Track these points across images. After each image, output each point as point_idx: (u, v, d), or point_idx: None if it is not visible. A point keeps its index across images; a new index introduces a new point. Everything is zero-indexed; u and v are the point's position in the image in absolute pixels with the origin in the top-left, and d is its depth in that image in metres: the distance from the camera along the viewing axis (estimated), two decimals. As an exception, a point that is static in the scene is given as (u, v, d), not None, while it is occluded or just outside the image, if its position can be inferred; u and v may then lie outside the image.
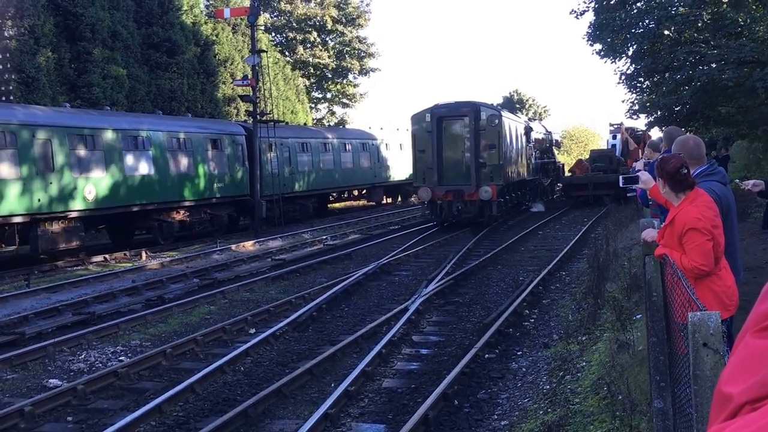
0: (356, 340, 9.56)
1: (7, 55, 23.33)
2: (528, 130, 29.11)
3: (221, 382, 8.25)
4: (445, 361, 8.64)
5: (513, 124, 25.70)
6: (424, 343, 9.60)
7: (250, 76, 25.48)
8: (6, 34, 23.81)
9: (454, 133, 23.30)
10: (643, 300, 5.37)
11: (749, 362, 0.90)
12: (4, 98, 22.76)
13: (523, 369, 8.23)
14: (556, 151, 42.14)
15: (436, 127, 22.89)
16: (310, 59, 52.52)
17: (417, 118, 23.61)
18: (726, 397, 0.91)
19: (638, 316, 7.83)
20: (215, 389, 8.02)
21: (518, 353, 8.90)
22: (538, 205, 30.74)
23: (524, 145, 28.05)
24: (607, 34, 21.62)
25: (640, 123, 35.66)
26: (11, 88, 23.13)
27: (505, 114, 24.20)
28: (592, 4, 23.00)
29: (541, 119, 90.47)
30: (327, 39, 53.52)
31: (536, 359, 8.53)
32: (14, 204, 16.94)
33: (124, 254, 19.65)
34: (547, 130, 37.87)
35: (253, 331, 10.67)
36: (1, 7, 23.95)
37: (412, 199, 35.92)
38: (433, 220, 23.68)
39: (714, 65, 18.19)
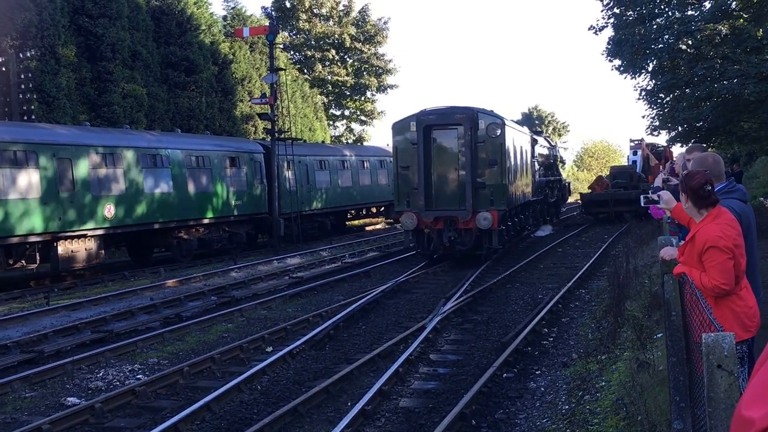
0: (373, 358, 9.50)
1: (29, 75, 23.70)
2: (533, 143, 25.27)
3: (238, 401, 8.22)
4: (462, 381, 8.56)
5: (517, 135, 21.24)
6: (442, 362, 9.52)
7: (268, 94, 25.65)
8: (28, 54, 24.19)
9: (445, 145, 18.77)
10: (663, 319, 5.28)
11: None
12: (25, 118, 23.10)
13: (542, 388, 8.12)
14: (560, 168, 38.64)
15: (423, 138, 18.33)
16: (329, 77, 52.84)
17: (399, 127, 19.12)
18: (746, 421, 0.89)
19: (659, 336, 7.71)
20: (232, 408, 7.99)
21: (537, 372, 8.80)
22: (544, 228, 28.16)
23: (529, 160, 23.92)
24: (627, 50, 21.56)
25: (661, 139, 35.45)
26: (33, 107, 23.47)
27: (509, 123, 19.53)
28: (611, 20, 22.97)
29: (560, 135, 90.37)
30: (345, 56, 53.86)
31: (555, 379, 8.42)
32: (35, 223, 17.12)
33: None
34: (551, 144, 34.21)
35: (270, 349, 10.65)
36: (23, 28, 24.37)
37: None
38: (419, 252, 19.41)
39: (735, 80, 18.06)
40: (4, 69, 23.87)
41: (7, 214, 16.46)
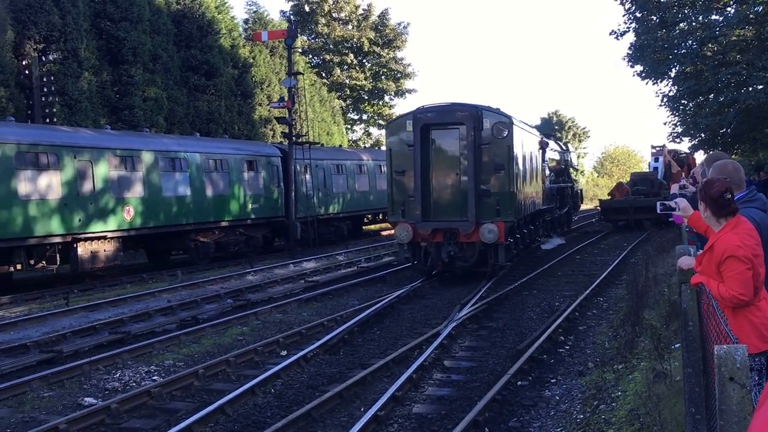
0: (387, 364, 9.48)
1: (51, 78, 23.99)
2: (543, 146, 23.01)
3: (252, 404, 8.24)
4: (476, 388, 8.52)
5: (526, 137, 19.01)
6: (456, 369, 9.48)
7: (286, 98, 25.77)
8: (50, 57, 24.50)
9: (445, 147, 16.79)
10: (681, 329, 5.23)
11: None
12: (47, 120, 23.38)
13: (557, 397, 8.07)
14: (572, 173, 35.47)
15: (420, 139, 16.35)
16: (347, 81, 53.00)
17: (394, 127, 17.30)
18: None
19: (676, 346, 7.64)
20: (246, 411, 8.02)
21: (552, 381, 8.74)
22: (553, 240, 25.66)
23: (540, 165, 21.81)
24: (649, 55, 21.43)
25: (684, 146, 35.17)
26: (54, 110, 23.75)
27: (517, 123, 17.30)
28: (633, 25, 22.83)
29: (580, 141, 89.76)
30: (363, 60, 54.00)
31: (570, 387, 8.36)
32: (55, 224, 17.31)
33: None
34: (562, 147, 31.14)
35: (284, 353, 10.67)
36: (46, 32, 24.67)
37: None
38: (414, 267, 17.38)
39: (760, 87, 17.88)
40: (27, 72, 24.18)
41: (28, 215, 16.66)
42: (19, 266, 17.34)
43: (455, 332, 11.21)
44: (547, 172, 24.07)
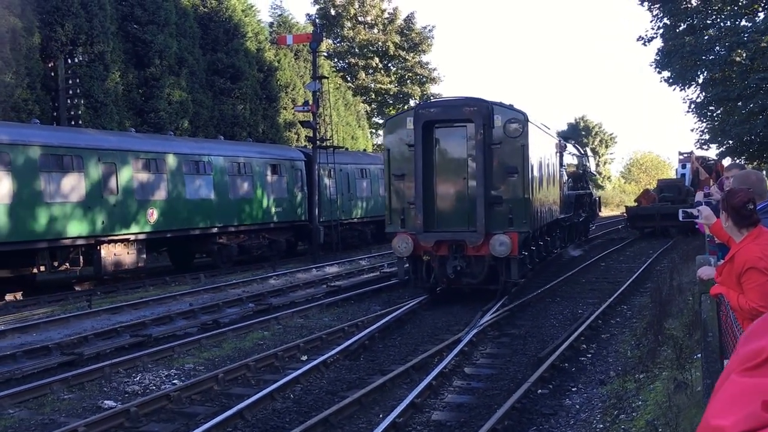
0: (407, 370, 9.42)
1: (77, 80, 24.29)
2: (561, 148, 21.07)
3: (270, 409, 8.22)
4: (496, 395, 8.43)
5: (542, 137, 17.16)
6: (476, 376, 9.39)
7: (310, 102, 25.83)
8: (77, 59, 24.81)
9: (451, 147, 15.01)
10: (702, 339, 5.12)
11: (738, 397, 0.96)
12: (73, 122, 23.66)
13: (577, 406, 7.95)
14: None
15: (422, 139, 14.49)
16: (372, 85, 53.05)
17: (393, 124, 15.47)
18: (715, 429, 0.99)
19: (698, 356, 7.48)
20: (264, 416, 8.00)
21: (573, 389, 8.62)
22: (569, 250, 24.56)
23: (557, 169, 19.92)
24: (676, 61, 21.16)
25: (712, 152, 34.63)
26: (80, 112, 24.04)
27: (533, 121, 15.44)
28: (660, 31, 22.58)
29: (607, 147, 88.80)
30: (389, 64, 54.02)
31: (591, 396, 8.24)
32: (80, 226, 17.50)
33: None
34: (580, 152, 29.08)
35: (304, 358, 10.65)
36: (73, 34, 24.99)
37: None
38: (414, 284, 15.45)
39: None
40: (53, 74, 24.50)
41: (52, 217, 16.85)
42: (42, 268, 17.55)
43: (476, 339, 11.11)
44: (565, 177, 22.38)
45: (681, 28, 21.62)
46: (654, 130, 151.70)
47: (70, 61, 24.83)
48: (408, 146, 14.83)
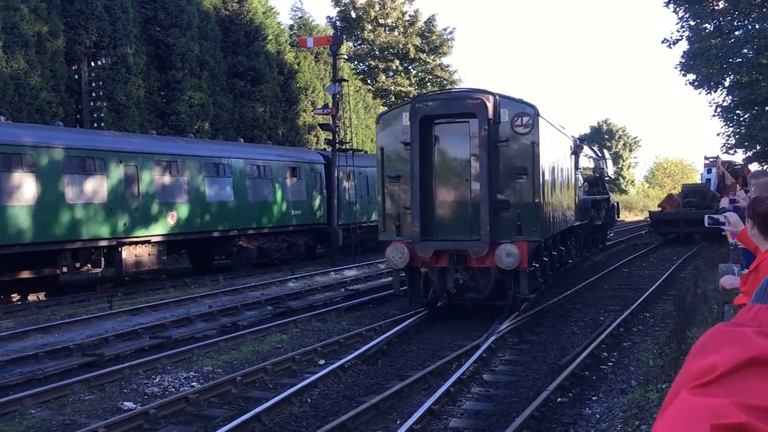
0: (425, 376, 9.36)
1: (100, 83, 24.54)
2: (577, 149, 19.41)
3: (288, 413, 8.21)
4: (515, 403, 8.35)
5: (556, 136, 15.66)
6: (495, 383, 9.31)
7: (330, 105, 25.86)
8: (100, 62, 25.07)
9: (452, 145, 13.49)
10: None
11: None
12: (95, 125, 23.91)
13: (597, 415, 7.85)
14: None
15: (420, 136, 12.95)
16: (392, 87, 53.06)
17: (387, 120, 13.89)
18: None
19: (723, 366, 7.36)
20: (281, 420, 7.98)
21: (593, 398, 8.51)
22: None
23: (572, 171, 18.36)
24: (702, 64, 20.92)
25: (739, 157, 34.23)
26: (102, 115, 24.28)
27: (544, 116, 13.65)
28: (686, 33, 22.35)
29: (631, 150, 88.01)
30: (409, 67, 54.00)
31: (612, 406, 8.13)
32: (101, 228, 17.65)
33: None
34: (597, 154, 27.22)
35: (322, 362, 10.63)
36: (97, 37, 25.25)
37: None
38: (411, 299, 13.90)
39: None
40: (76, 76, 24.77)
41: (75, 218, 17.01)
42: (65, 269, 17.72)
43: (495, 345, 11.02)
44: (581, 180, 20.92)
45: (707, 31, 21.38)
46: (679, 134, 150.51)
47: (93, 64, 25.10)
48: (404, 144, 13.28)
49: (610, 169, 31.49)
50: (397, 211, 13.56)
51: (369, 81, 51.83)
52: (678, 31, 22.41)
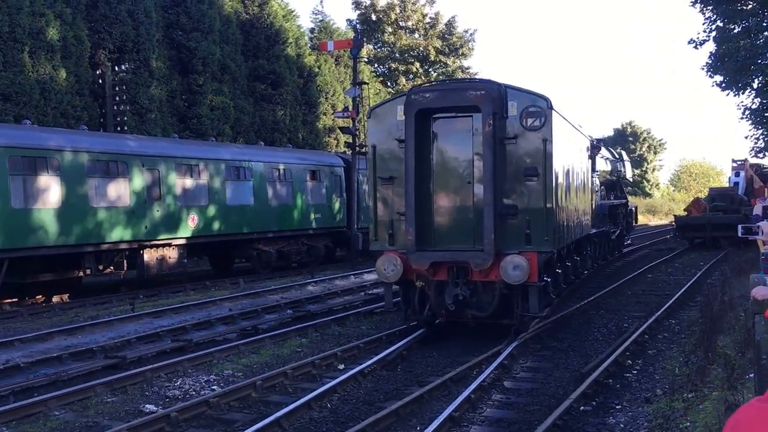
0: (445, 382, 9.30)
1: (123, 87, 24.79)
2: (594, 149, 17.92)
3: (307, 418, 8.19)
4: (536, 411, 8.26)
5: (571, 133, 14.09)
6: (516, 390, 9.22)
7: (350, 108, 25.88)
8: (123, 67, 25.33)
9: (452, 143, 11.90)
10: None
11: None
12: (119, 129, 24.15)
13: (621, 425, 7.73)
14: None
15: (416, 132, 11.50)
16: (412, 90, 52.96)
17: (380, 114, 12.32)
18: None
19: (751, 376, 7.23)
20: (301, 425, 7.97)
21: (617, 407, 8.39)
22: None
23: (588, 173, 16.90)
24: (729, 65, 20.64)
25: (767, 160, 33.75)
26: (126, 119, 24.52)
27: (558, 110, 11.90)
28: (713, 34, 22.07)
29: (656, 153, 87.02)
30: (429, 69, 53.92)
31: (636, 415, 8.01)
32: (123, 231, 17.79)
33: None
34: (614, 155, 25.71)
35: (342, 366, 10.61)
36: (120, 42, 25.49)
37: None
38: (406, 317, 12.47)
39: None
40: (100, 81, 25.04)
41: (98, 221, 17.17)
42: (88, 271, 17.88)
43: (517, 352, 10.92)
44: (597, 184, 19.42)
45: (735, 31, 21.08)
46: (705, 137, 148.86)
47: (117, 68, 25.35)
48: (398, 142, 11.81)
49: (629, 172, 29.96)
50: (390, 217, 12.03)
51: (389, 84, 51.81)
52: (705, 32, 22.12)
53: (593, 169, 18.06)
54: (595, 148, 18.16)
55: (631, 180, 35.89)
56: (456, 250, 11.59)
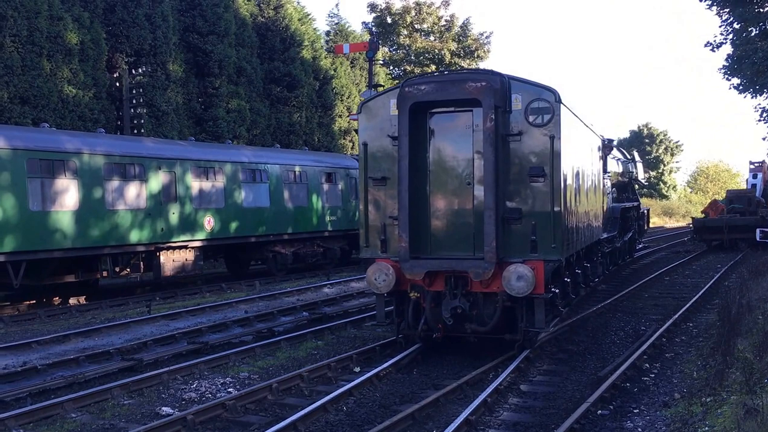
0: (461, 386, 9.26)
1: (140, 90, 24.97)
2: (606, 149, 17.14)
3: (323, 421, 8.18)
4: (553, 415, 8.20)
5: (581, 130, 13.01)
6: (533, 394, 9.17)
7: (366, 111, 25.89)
8: (140, 70, 25.52)
9: (450, 141, 10.89)
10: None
11: None
12: (135, 131, 24.32)
13: (639, 429, 7.67)
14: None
15: (410, 129, 10.55)
16: (427, 93, 52.91)
17: (371, 109, 11.30)
18: None
19: (771, 380, 7.14)
20: (317, 428, 7.96)
21: (634, 411, 8.32)
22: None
23: (600, 175, 16.03)
24: (747, 68, 20.48)
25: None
26: (143, 121, 24.69)
27: (566, 104, 10.88)
28: (730, 36, 21.91)
29: (672, 155, 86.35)
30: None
31: (654, 419, 7.93)
32: (140, 233, 17.89)
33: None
34: (626, 156, 24.91)
35: (357, 369, 10.59)
36: (138, 45, 25.67)
37: None
38: (399, 331, 11.42)
39: None
40: (117, 84, 25.23)
41: (115, 224, 17.28)
42: (105, 273, 17.99)
43: (533, 355, 10.86)
44: (609, 186, 18.44)
45: (753, 33, 20.91)
46: (723, 139, 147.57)
47: (134, 71, 25.54)
48: (391, 139, 10.87)
49: (641, 173, 28.47)
50: (382, 221, 11.05)
51: (404, 86, 51.75)
52: (722, 34, 21.96)
53: (605, 170, 17.23)
54: (606, 147, 17.40)
55: (643, 181, 34.68)
56: (454, 258, 10.64)
